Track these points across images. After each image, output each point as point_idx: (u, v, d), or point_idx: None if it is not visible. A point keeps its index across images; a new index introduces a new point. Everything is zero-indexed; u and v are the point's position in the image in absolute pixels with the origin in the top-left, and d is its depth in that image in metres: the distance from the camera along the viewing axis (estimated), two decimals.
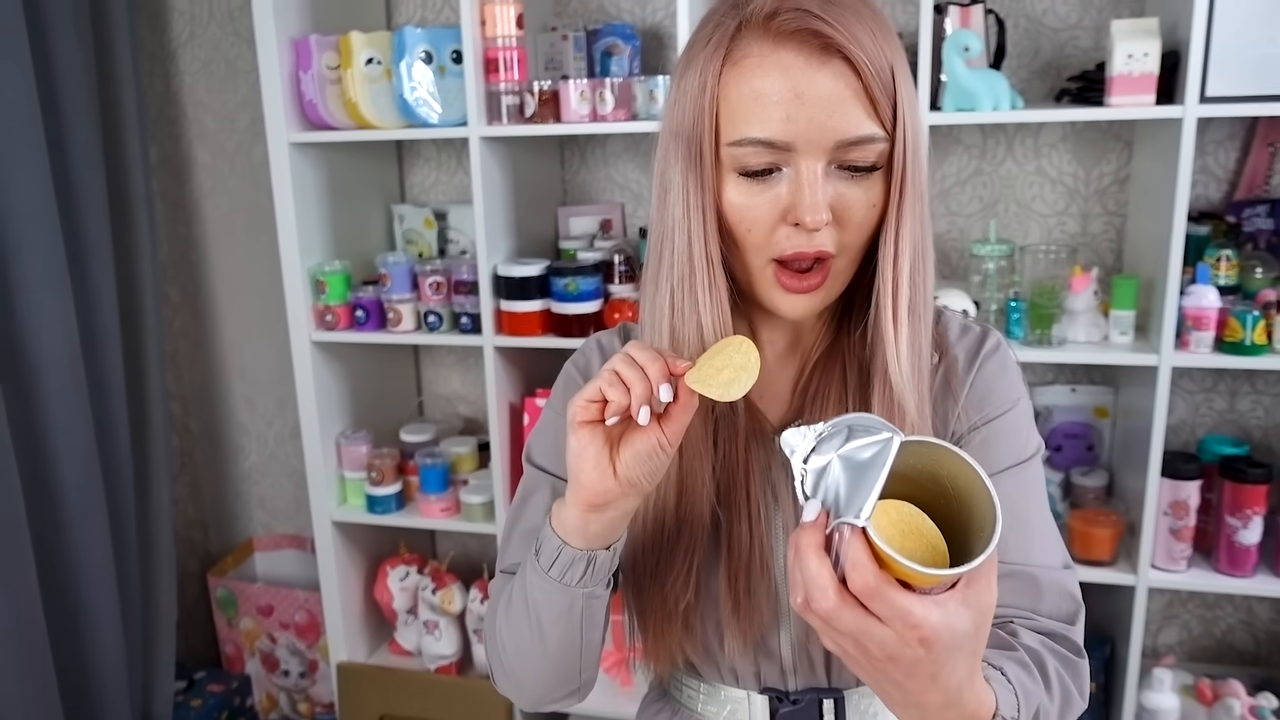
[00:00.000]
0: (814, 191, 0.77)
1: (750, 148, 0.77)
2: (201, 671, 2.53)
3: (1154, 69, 1.59)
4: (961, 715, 0.66)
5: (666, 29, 2.11)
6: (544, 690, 0.92)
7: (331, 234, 2.11)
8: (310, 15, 1.99)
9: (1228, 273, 1.75)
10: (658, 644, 0.93)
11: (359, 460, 2.14)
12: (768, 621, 0.91)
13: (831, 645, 0.64)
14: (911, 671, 0.62)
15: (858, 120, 0.76)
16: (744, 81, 0.77)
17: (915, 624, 0.59)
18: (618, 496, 0.78)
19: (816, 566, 0.60)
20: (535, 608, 0.85)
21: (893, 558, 0.57)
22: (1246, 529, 1.72)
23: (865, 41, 0.75)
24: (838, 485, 0.60)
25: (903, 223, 0.80)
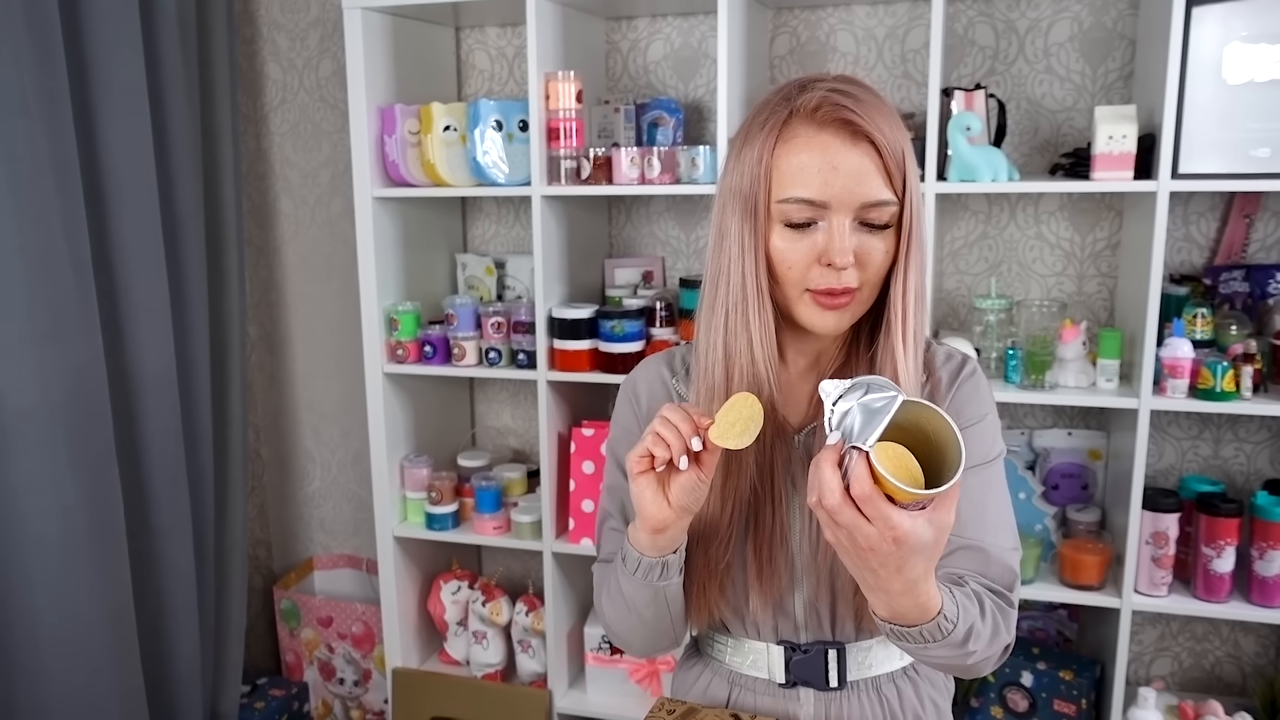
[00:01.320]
0: (843, 239, 1.01)
1: (795, 205, 1.02)
2: (264, 678, 2.75)
3: (1132, 149, 1.82)
4: (915, 604, 0.92)
5: (707, 104, 2.37)
6: (645, 648, 1.20)
7: (404, 278, 2.37)
8: (394, 87, 2.27)
9: (1203, 329, 1.96)
10: (701, 599, 1.16)
11: (420, 482, 2.38)
12: (785, 585, 1.14)
13: (830, 535, 0.88)
14: (884, 561, 0.86)
15: (878, 188, 1.01)
16: (793, 155, 1.02)
17: (892, 526, 0.84)
18: (673, 521, 1.03)
19: (830, 474, 0.85)
20: (629, 598, 1.11)
21: (884, 476, 0.81)
22: (1220, 558, 1.91)
23: (885, 129, 1.00)
24: (854, 423, 0.84)
25: (909, 268, 1.05)
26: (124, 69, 2.09)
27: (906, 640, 0.97)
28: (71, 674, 2.05)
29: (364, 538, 2.85)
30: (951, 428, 0.83)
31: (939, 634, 0.95)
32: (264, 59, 2.70)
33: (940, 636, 0.95)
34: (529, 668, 2.40)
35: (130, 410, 2.22)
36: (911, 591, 0.90)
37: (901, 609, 0.93)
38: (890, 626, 0.96)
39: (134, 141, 2.13)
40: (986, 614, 1.02)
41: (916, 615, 0.94)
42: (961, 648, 0.98)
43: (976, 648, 1.00)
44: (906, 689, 1.20)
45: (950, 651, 0.98)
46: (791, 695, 1.18)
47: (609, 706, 2.33)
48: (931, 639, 0.95)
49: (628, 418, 1.22)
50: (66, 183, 1.97)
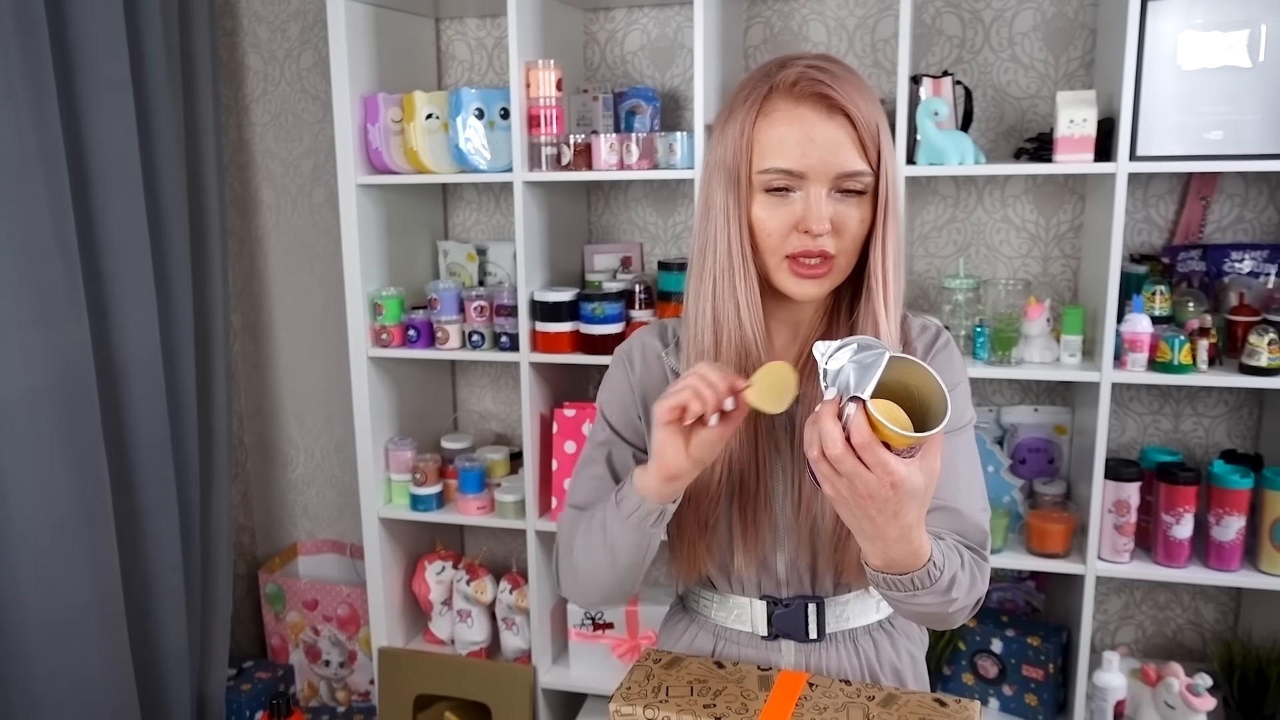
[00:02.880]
0: (819, 207, 1.07)
1: (775, 175, 1.08)
2: (250, 661, 2.78)
3: (1092, 132, 1.90)
4: (908, 550, 0.99)
5: (683, 92, 2.43)
6: (604, 598, 1.22)
7: (387, 264, 2.41)
8: (376, 76, 2.32)
9: (1161, 305, 2.04)
10: (690, 554, 1.22)
11: (404, 464, 2.42)
12: (769, 545, 1.20)
13: (829, 488, 0.94)
14: (882, 508, 0.93)
15: (853, 159, 1.07)
16: (773, 128, 1.09)
17: (890, 471, 0.90)
18: (688, 471, 1.09)
19: (831, 425, 0.91)
20: (612, 542, 1.14)
21: (880, 423, 0.88)
22: (1179, 525, 2.00)
23: (860, 104, 1.07)
24: (848, 378, 0.90)
25: (886, 234, 1.10)
26: (108, 61, 2.12)
27: (897, 589, 1.04)
28: (59, 657, 2.08)
29: (348, 523, 2.89)
30: (935, 379, 0.90)
31: (928, 580, 1.02)
32: (245, 50, 2.73)
33: (929, 583, 1.03)
34: (513, 645, 2.45)
35: (116, 396, 2.25)
36: (906, 538, 0.97)
37: (896, 556, 0.99)
38: (883, 576, 1.03)
39: (118, 132, 2.16)
40: (965, 564, 1.10)
41: (909, 562, 1.01)
42: (946, 595, 1.05)
43: (958, 595, 1.07)
44: (883, 641, 1.27)
45: (936, 599, 1.05)
46: (773, 647, 1.25)
47: (593, 681, 2.38)
48: (921, 586, 1.03)
49: (621, 380, 1.27)
50: (53, 171, 2.00)
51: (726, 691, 1.12)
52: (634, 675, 1.17)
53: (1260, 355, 1.91)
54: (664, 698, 1.11)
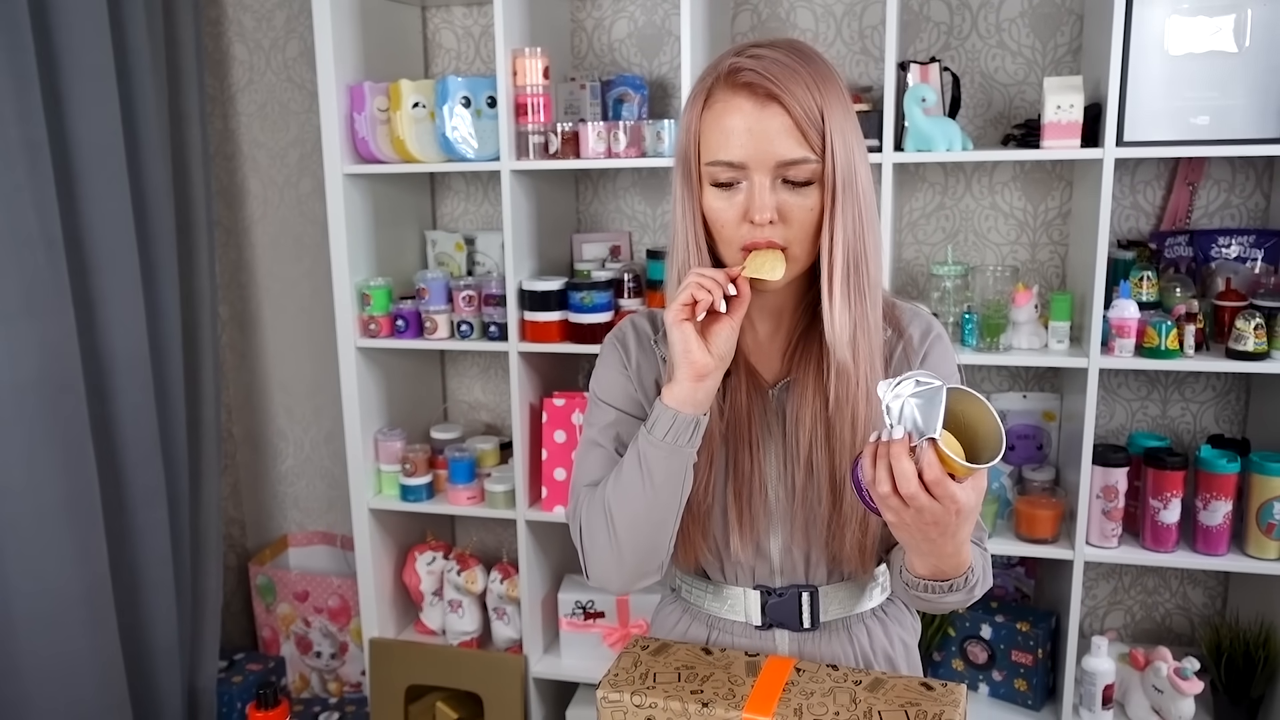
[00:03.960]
0: (762, 196, 1.07)
1: (719, 167, 1.09)
2: (241, 653, 2.78)
3: (1078, 118, 1.90)
4: (957, 561, 1.06)
5: (670, 79, 2.42)
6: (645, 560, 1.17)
7: (375, 255, 2.40)
8: (362, 64, 2.30)
9: (1149, 291, 2.05)
10: (685, 542, 1.22)
11: (394, 455, 2.42)
12: (763, 529, 1.20)
13: (893, 517, 0.98)
14: (943, 531, 0.99)
15: (791, 147, 1.06)
16: (714, 120, 1.09)
17: (955, 500, 0.95)
18: (715, 367, 1.10)
19: (907, 465, 0.94)
20: (650, 472, 1.12)
21: (949, 457, 0.92)
22: (1167, 510, 2.00)
23: (797, 92, 1.05)
24: (913, 415, 0.94)
25: (835, 222, 1.08)
26: (92, 51, 2.10)
27: (932, 592, 1.09)
28: (49, 649, 2.08)
29: (337, 514, 2.89)
30: (986, 406, 0.95)
31: (963, 584, 1.08)
32: (230, 40, 2.71)
33: (962, 586, 1.08)
34: (504, 634, 2.45)
35: (103, 388, 2.24)
36: (958, 552, 1.04)
37: (945, 568, 1.06)
38: (925, 582, 1.08)
39: (102, 122, 2.15)
40: (980, 559, 1.14)
41: (953, 570, 1.07)
42: (969, 592, 1.11)
43: (976, 590, 1.12)
44: (876, 629, 1.27)
45: (961, 596, 1.10)
46: (767, 636, 1.25)
47: (583, 670, 2.38)
48: (956, 589, 1.08)
49: (616, 364, 1.26)
50: (37, 163, 1.99)
51: (714, 677, 1.12)
52: (622, 662, 1.17)
53: (1247, 340, 1.91)
54: (651, 684, 1.11)
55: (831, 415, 1.15)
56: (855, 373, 1.13)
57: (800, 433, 1.17)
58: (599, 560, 1.18)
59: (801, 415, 1.17)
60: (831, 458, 1.16)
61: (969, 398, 0.95)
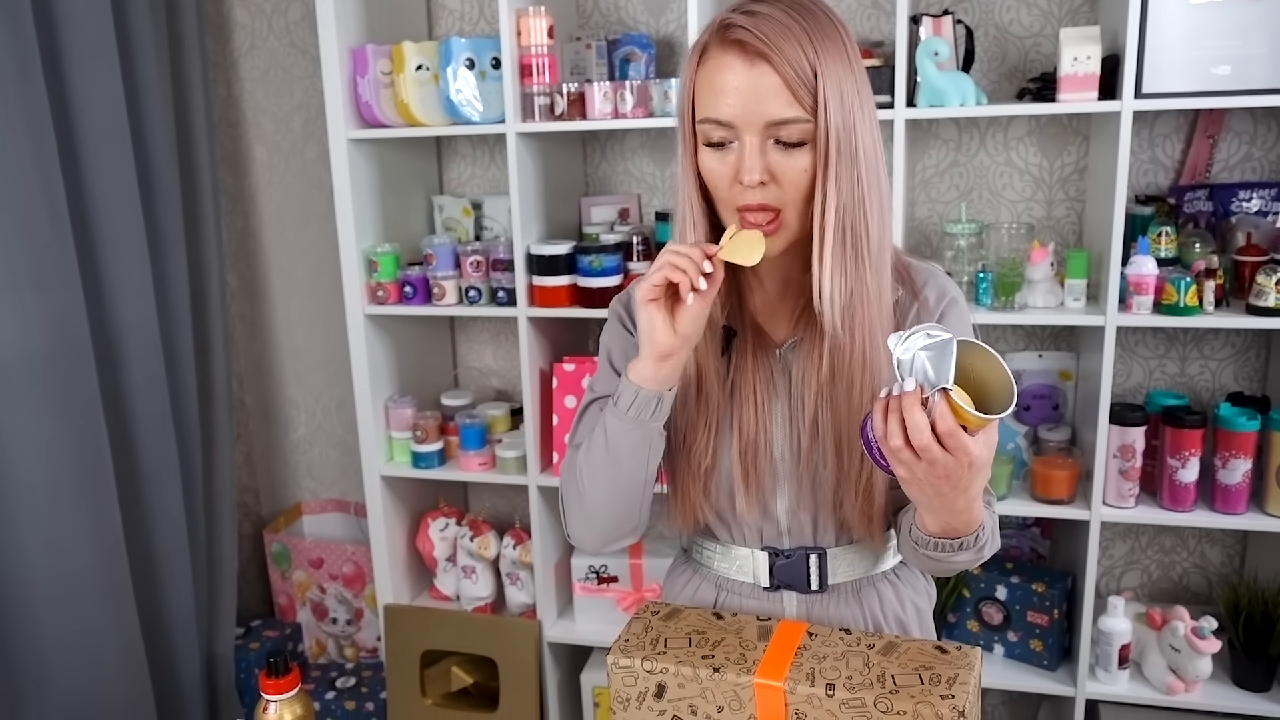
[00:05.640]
0: (750, 157, 1.04)
1: (710, 125, 1.06)
2: (257, 620, 2.80)
3: (1095, 70, 1.85)
4: (969, 517, 1.03)
5: (678, 38, 2.38)
6: (612, 523, 1.18)
7: (381, 220, 2.38)
8: (365, 27, 2.27)
9: (1167, 247, 2.01)
10: (685, 503, 1.21)
11: (405, 422, 2.41)
12: (769, 489, 1.19)
13: (904, 472, 0.96)
14: (955, 485, 0.96)
15: (781, 106, 1.03)
16: (706, 77, 1.06)
17: (968, 452, 0.93)
18: (679, 347, 1.08)
19: (920, 417, 0.92)
20: (614, 445, 1.12)
21: (961, 408, 0.91)
22: (1185, 469, 1.98)
23: (787, 49, 1.01)
24: (924, 366, 0.93)
25: (828, 185, 1.05)
26: (92, 19, 2.08)
27: (942, 550, 1.07)
28: (66, 620, 2.09)
29: (351, 482, 2.89)
30: (996, 358, 0.93)
31: (973, 542, 1.06)
32: (231, 4, 2.67)
33: (973, 544, 1.07)
34: (518, 599, 2.46)
35: (113, 359, 2.23)
36: (969, 507, 1.02)
37: (956, 524, 1.04)
38: (935, 540, 1.06)
39: (105, 91, 2.13)
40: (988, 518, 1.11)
41: (964, 528, 1.05)
42: (979, 551, 1.09)
43: (985, 550, 1.10)
44: (887, 592, 1.26)
45: (970, 556, 1.08)
46: (775, 598, 1.24)
47: (597, 634, 2.39)
48: (966, 547, 1.06)
49: (619, 330, 1.26)
50: (39, 133, 1.97)
51: (725, 642, 1.11)
52: (632, 628, 1.16)
53: (1268, 295, 1.87)
54: (662, 649, 1.10)
55: (833, 380, 1.13)
56: (850, 341, 1.10)
57: (806, 394, 1.15)
58: (573, 520, 1.22)
59: (807, 376, 1.15)
60: (836, 421, 1.14)
61: (980, 351, 0.94)
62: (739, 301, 1.20)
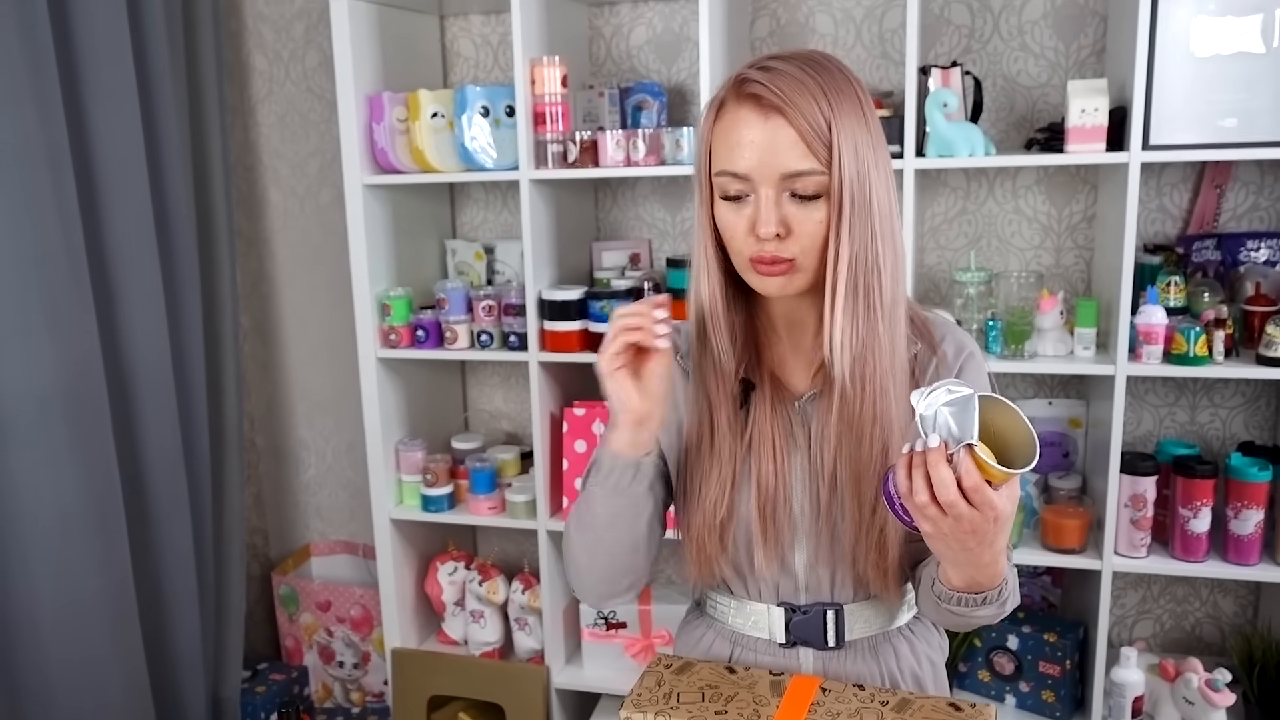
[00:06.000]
0: (766, 209, 1.06)
1: (725, 178, 1.08)
2: (264, 663, 2.78)
3: (1103, 121, 1.87)
4: (994, 571, 1.03)
5: (690, 86, 2.41)
6: (607, 584, 1.21)
7: (395, 264, 2.40)
8: (381, 74, 2.30)
9: (1177, 296, 2.01)
10: (700, 555, 1.20)
11: (415, 465, 2.41)
12: (787, 542, 1.19)
13: (930, 528, 0.96)
14: (981, 539, 0.96)
15: (795, 159, 1.04)
16: (722, 131, 1.08)
17: (994, 507, 0.93)
18: (653, 410, 1.11)
19: (946, 473, 0.92)
20: (598, 513, 1.15)
21: (986, 463, 0.91)
22: (1197, 519, 1.97)
23: (801, 103, 1.03)
24: (948, 424, 0.93)
25: (841, 237, 1.06)
26: (112, 63, 2.11)
27: (965, 605, 1.07)
28: (74, 661, 2.08)
29: (360, 524, 2.89)
30: (1018, 413, 0.94)
31: (997, 596, 1.06)
32: (250, 51, 2.72)
33: (996, 598, 1.06)
34: (526, 645, 2.45)
35: (127, 400, 2.25)
36: (995, 561, 1.01)
37: (981, 578, 1.03)
38: (959, 595, 1.06)
39: (124, 135, 2.16)
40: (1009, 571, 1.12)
41: (989, 581, 1.04)
42: (1001, 606, 1.09)
43: (1007, 605, 1.10)
44: (903, 648, 1.25)
45: (993, 610, 1.08)
46: (791, 654, 1.23)
47: (606, 681, 2.37)
48: (990, 601, 1.06)
49: None
50: (59, 175, 2.00)
51: (738, 697, 1.11)
52: (645, 681, 1.15)
53: (1277, 346, 1.88)
54: (675, 704, 1.10)
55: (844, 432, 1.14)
56: (860, 392, 1.11)
57: (825, 447, 1.15)
58: (572, 575, 1.25)
59: (827, 430, 1.15)
60: (855, 475, 1.14)
61: (1000, 405, 0.95)
62: (757, 354, 1.20)
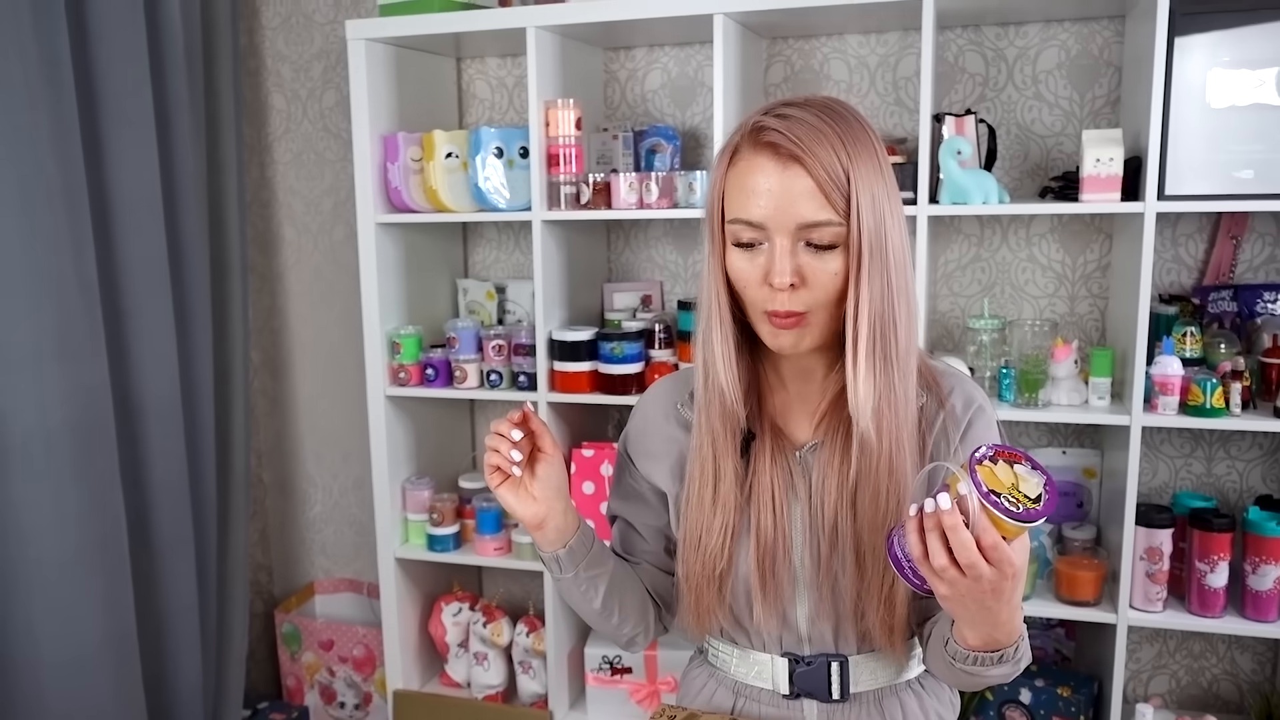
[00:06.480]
0: (781, 260, 1.04)
1: (739, 225, 1.06)
2: (265, 702, 2.75)
3: (1118, 171, 1.87)
4: (1011, 627, 1.00)
5: (703, 130, 2.42)
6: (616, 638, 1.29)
7: (406, 302, 2.40)
8: (397, 115, 2.32)
9: (1193, 347, 1.99)
10: (699, 605, 1.18)
11: (421, 504, 2.40)
12: (787, 595, 1.16)
13: (947, 589, 0.93)
14: (998, 596, 0.93)
15: (813, 209, 1.03)
16: (737, 178, 1.07)
17: (1011, 563, 0.92)
18: (546, 512, 1.16)
19: (966, 535, 0.90)
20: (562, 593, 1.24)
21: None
22: (1214, 573, 1.94)
23: (820, 153, 1.02)
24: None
25: (860, 287, 1.04)
26: (132, 98, 2.13)
27: (982, 664, 1.03)
28: (73, 695, 2.06)
29: (365, 562, 2.87)
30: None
31: (1013, 654, 1.03)
32: (268, 90, 2.75)
33: (1012, 655, 1.03)
34: (530, 689, 2.41)
35: (134, 433, 2.24)
36: (1013, 616, 0.99)
37: (999, 636, 1.00)
38: (975, 654, 1.02)
39: (141, 169, 2.17)
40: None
41: (1006, 639, 1.01)
42: (1016, 664, 1.05)
43: (1021, 662, 1.06)
44: (910, 702, 1.22)
45: (1008, 669, 1.04)
46: (795, 706, 1.21)
47: None
48: (1005, 659, 1.03)
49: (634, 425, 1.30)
50: (75, 208, 2.01)
51: None
52: None
53: None
54: None
55: (858, 485, 1.11)
56: (879, 445, 1.09)
57: (826, 498, 1.13)
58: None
59: (828, 481, 1.13)
60: (857, 528, 1.12)
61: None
62: (759, 402, 1.18)
